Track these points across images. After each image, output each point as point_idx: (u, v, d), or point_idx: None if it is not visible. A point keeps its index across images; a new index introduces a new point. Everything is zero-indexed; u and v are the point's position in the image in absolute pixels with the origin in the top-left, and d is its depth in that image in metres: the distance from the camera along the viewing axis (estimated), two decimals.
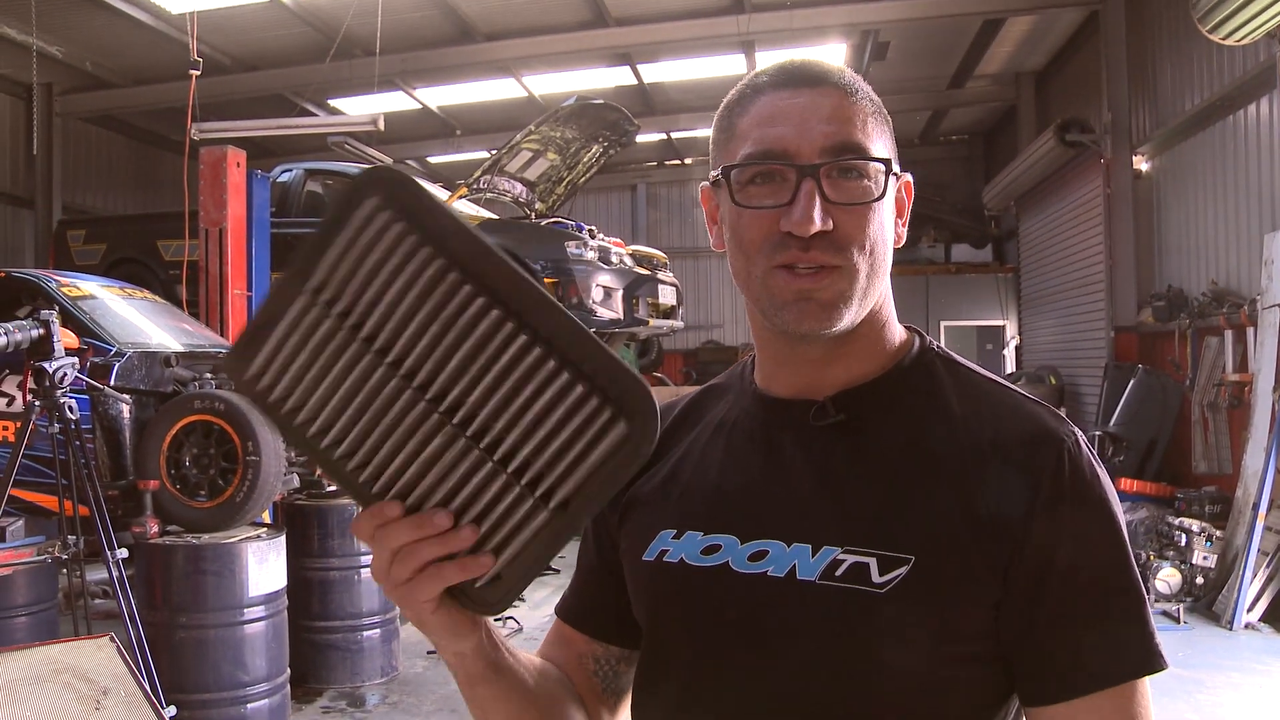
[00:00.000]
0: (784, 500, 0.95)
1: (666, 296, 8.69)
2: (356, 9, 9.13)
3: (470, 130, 13.98)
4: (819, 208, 0.89)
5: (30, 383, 4.11)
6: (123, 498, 4.75)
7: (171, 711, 3.63)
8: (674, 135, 14.48)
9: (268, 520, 5.04)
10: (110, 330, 5.26)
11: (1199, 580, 6.55)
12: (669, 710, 1.00)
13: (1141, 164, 9.51)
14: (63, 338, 4.25)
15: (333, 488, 5.42)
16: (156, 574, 4.22)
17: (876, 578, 0.88)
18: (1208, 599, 6.49)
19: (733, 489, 0.99)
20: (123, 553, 4.04)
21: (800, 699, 0.91)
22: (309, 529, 5.23)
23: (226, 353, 0.84)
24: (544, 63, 11.12)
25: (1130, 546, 0.91)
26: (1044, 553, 0.87)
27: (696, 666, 0.97)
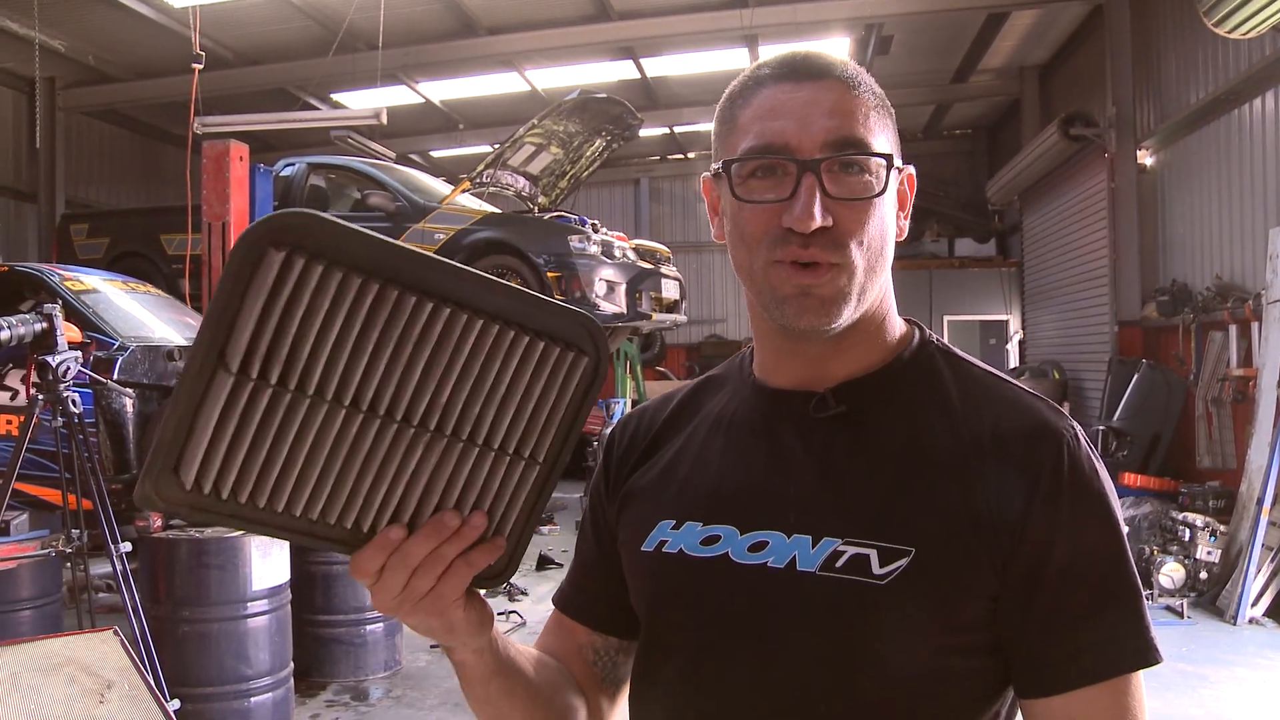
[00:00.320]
0: (784, 492, 0.95)
1: (669, 291, 8.68)
2: (359, 3, 9.13)
3: (473, 124, 13.98)
4: (819, 203, 0.88)
5: (34, 377, 4.11)
6: (126, 491, 4.76)
7: (175, 705, 3.63)
8: (677, 129, 14.46)
9: None
10: (113, 324, 5.27)
11: (1203, 575, 6.54)
12: (668, 700, 1.00)
13: (1146, 158, 9.48)
14: (66, 332, 4.25)
15: None
16: (160, 568, 4.21)
17: (877, 569, 0.89)
18: (1211, 594, 6.48)
19: (732, 480, 0.99)
20: (126, 546, 4.05)
21: (800, 689, 0.91)
22: None
23: (141, 482, 0.72)
24: (547, 57, 11.11)
25: (1127, 541, 0.91)
26: (1042, 547, 0.88)
27: (696, 657, 0.97)
